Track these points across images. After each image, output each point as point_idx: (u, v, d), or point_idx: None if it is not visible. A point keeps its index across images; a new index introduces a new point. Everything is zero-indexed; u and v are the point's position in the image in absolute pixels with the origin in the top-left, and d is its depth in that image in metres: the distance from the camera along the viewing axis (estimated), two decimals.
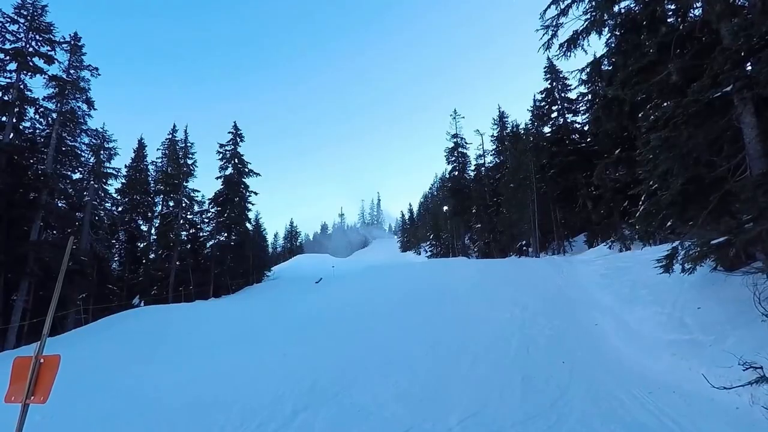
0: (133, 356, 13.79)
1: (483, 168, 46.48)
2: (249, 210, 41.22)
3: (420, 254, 70.49)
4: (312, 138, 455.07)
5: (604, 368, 8.38)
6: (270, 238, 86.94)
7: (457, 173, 48.60)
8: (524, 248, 35.89)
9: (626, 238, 21.43)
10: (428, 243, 68.69)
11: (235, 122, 40.81)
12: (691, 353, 7.51)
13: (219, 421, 7.67)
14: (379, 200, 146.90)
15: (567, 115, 32.14)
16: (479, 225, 44.68)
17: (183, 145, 38.80)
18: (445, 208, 55.19)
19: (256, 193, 40.93)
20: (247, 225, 42.18)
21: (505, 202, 37.09)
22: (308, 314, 18.70)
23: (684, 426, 5.42)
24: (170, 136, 39.28)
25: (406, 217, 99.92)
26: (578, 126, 31.86)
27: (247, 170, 40.56)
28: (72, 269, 22.94)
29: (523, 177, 32.34)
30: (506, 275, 19.07)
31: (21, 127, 23.93)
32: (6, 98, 22.34)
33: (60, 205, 25.23)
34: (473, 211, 45.92)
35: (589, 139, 29.37)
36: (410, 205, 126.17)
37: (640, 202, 12.10)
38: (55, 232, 25.25)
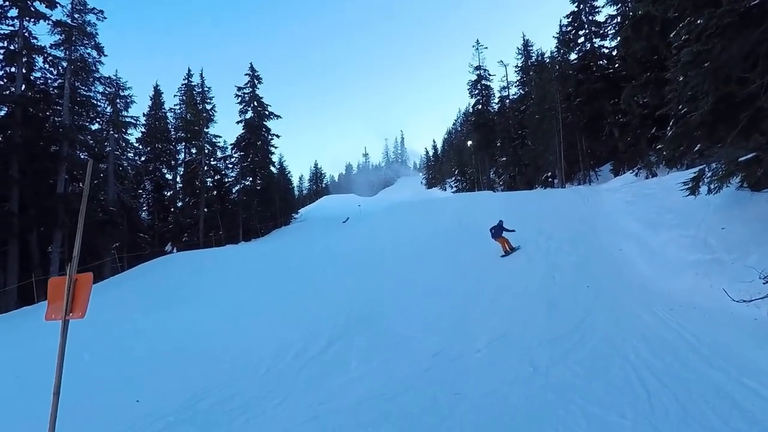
0: (173, 298, 14.32)
1: (507, 100, 45.19)
2: (272, 153, 41.38)
3: (445, 190, 70.36)
4: (332, 77, 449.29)
5: (627, 291, 8.59)
6: (295, 181, 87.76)
7: (480, 107, 47.47)
8: (550, 180, 35.52)
9: (652, 165, 21.02)
10: (453, 178, 68.43)
11: (251, 63, 40.25)
12: (714, 271, 7.63)
13: (257, 354, 8.18)
14: (402, 138, 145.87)
15: (594, 40, 30.56)
16: (504, 158, 44.16)
17: (200, 90, 38.18)
18: (470, 142, 54.44)
19: (278, 136, 40.92)
20: (272, 168, 42.56)
21: (530, 134, 36.40)
22: (337, 253, 19.19)
23: (702, 338, 5.60)
24: (186, 82, 38.44)
25: (431, 153, 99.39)
26: (606, 51, 30.38)
27: (267, 113, 40.18)
28: (102, 219, 23.59)
29: (548, 107, 31.49)
30: (532, 206, 19.05)
31: (32, 77, 23.27)
32: (12, 47, 21.64)
33: (82, 156, 24.94)
34: (498, 144, 45.30)
35: (617, 65, 28.16)
36: (434, 141, 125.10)
37: (668, 127, 11.80)
38: (81, 184, 25.38)
